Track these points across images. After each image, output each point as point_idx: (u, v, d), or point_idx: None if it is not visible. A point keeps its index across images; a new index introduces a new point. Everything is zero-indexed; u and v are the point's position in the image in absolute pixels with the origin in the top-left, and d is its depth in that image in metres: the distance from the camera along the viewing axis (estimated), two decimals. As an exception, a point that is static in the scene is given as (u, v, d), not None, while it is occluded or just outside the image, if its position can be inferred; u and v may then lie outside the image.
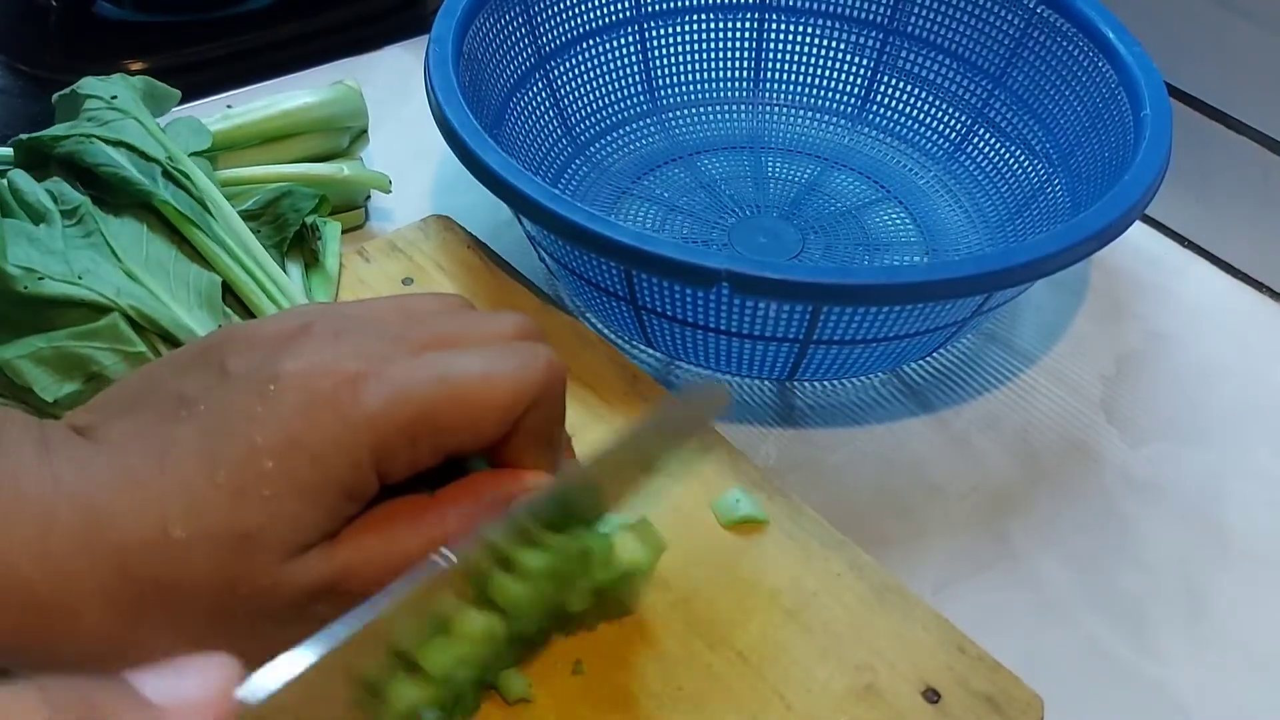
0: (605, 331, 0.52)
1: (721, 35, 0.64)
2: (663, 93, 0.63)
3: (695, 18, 0.63)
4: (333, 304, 0.36)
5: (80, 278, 0.43)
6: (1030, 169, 0.57)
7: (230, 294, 0.46)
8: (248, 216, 0.50)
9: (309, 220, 0.50)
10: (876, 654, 0.36)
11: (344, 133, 0.57)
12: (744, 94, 0.65)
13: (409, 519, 0.32)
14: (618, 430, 0.37)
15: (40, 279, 0.42)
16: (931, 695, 0.35)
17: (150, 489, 0.29)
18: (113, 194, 0.46)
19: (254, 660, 0.26)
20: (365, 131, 0.59)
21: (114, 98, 0.49)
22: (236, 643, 0.29)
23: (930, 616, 0.37)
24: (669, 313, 0.45)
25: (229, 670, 0.24)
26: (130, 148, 0.47)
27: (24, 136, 0.47)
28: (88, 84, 0.50)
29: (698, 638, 0.36)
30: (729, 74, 0.64)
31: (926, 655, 0.36)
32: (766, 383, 0.52)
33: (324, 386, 0.30)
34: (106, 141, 0.46)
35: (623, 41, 0.62)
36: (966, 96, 0.60)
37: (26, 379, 0.41)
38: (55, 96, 0.50)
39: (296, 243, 0.50)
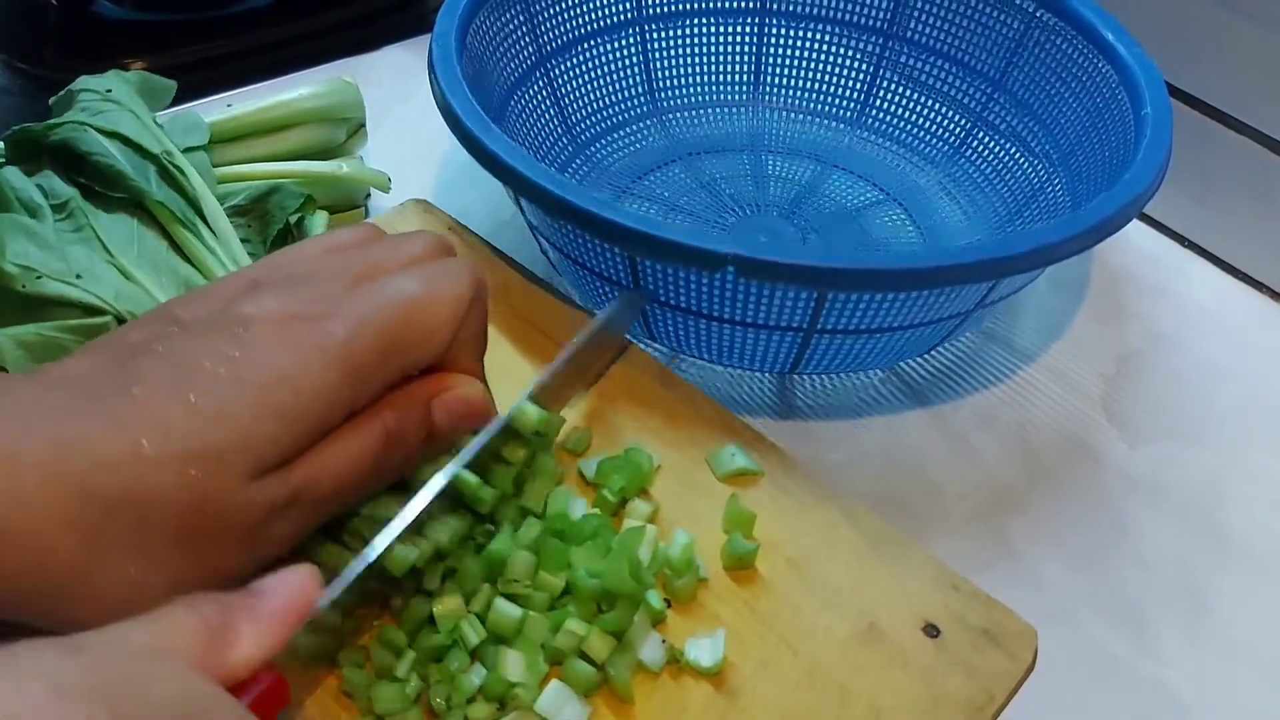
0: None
1: (722, 39, 0.64)
2: (663, 95, 0.63)
3: (696, 21, 0.63)
4: (267, 260, 0.38)
5: (79, 277, 0.43)
6: (1030, 169, 0.57)
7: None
8: (236, 212, 0.50)
9: (292, 219, 0.50)
10: (876, 596, 0.37)
11: (341, 125, 0.57)
12: (744, 97, 0.65)
13: (351, 429, 0.34)
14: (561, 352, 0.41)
15: (39, 278, 0.42)
16: (931, 630, 0.36)
17: (121, 415, 0.30)
18: (104, 185, 0.46)
19: (216, 581, 0.29)
20: (363, 126, 0.59)
21: (109, 91, 0.49)
22: (199, 563, 0.31)
23: (924, 559, 0.38)
24: (673, 301, 0.45)
25: (314, 577, 0.30)
26: (125, 140, 0.47)
27: (15, 128, 0.47)
28: (83, 81, 0.49)
29: (703, 588, 0.37)
30: (729, 77, 0.64)
31: (923, 595, 0.37)
32: (767, 381, 0.52)
33: (296, 327, 0.33)
34: (101, 131, 0.46)
35: (623, 43, 0.62)
36: (966, 100, 0.60)
37: (4, 359, 0.42)
38: (51, 100, 0.50)
39: (280, 240, 0.50)
